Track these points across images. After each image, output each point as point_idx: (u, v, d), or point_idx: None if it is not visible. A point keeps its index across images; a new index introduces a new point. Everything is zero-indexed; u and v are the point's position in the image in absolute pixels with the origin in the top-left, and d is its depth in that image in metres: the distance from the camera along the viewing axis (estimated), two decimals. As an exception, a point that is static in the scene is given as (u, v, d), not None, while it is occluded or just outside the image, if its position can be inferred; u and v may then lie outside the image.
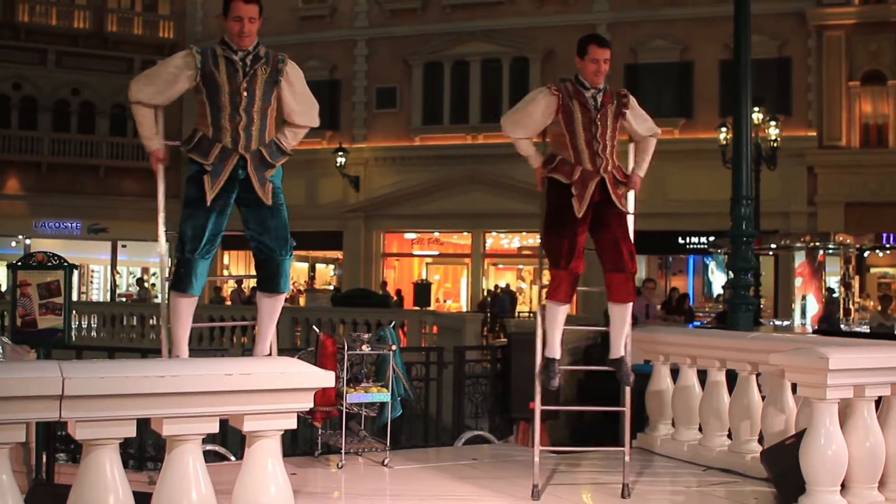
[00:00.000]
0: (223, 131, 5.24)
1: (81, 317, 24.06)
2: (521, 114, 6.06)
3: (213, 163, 5.20)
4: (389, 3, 31.51)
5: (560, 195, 5.96)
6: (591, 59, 6.00)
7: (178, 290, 5.25)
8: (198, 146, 5.25)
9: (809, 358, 5.30)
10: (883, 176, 26.23)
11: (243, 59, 5.27)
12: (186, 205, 5.29)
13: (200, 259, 5.24)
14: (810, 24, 27.29)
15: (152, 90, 5.28)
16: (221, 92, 5.22)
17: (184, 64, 5.24)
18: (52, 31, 32.70)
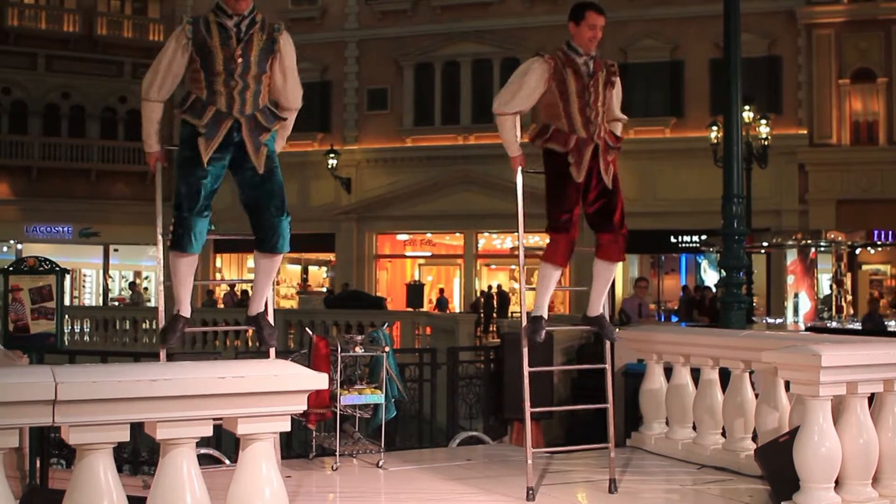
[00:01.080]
0: (217, 94, 5.23)
1: (74, 321, 24.00)
2: (517, 86, 5.99)
3: (207, 125, 5.20)
4: (380, 5, 31.50)
5: (557, 164, 5.98)
6: (589, 24, 6.03)
7: (178, 250, 5.26)
8: (191, 108, 5.23)
9: (802, 355, 5.31)
10: (874, 173, 26.32)
11: (238, 25, 5.26)
12: (181, 165, 5.27)
13: (198, 217, 5.23)
14: (800, 22, 27.36)
15: (156, 83, 5.27)
16: (215, 58, 5.20)
17: (176, 44, 5.24)
18: (42, 35, 32.63)
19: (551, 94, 5.95)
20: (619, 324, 15.04)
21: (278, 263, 5.61)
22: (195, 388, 3.85)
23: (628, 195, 6.40)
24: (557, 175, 6.01)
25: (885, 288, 27.68)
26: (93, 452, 3.74)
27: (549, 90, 5.95)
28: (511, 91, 6.01)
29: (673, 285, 30.01)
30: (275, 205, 5.37)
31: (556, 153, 5.97)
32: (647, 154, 27.80)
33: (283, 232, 5.43)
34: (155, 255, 22.37)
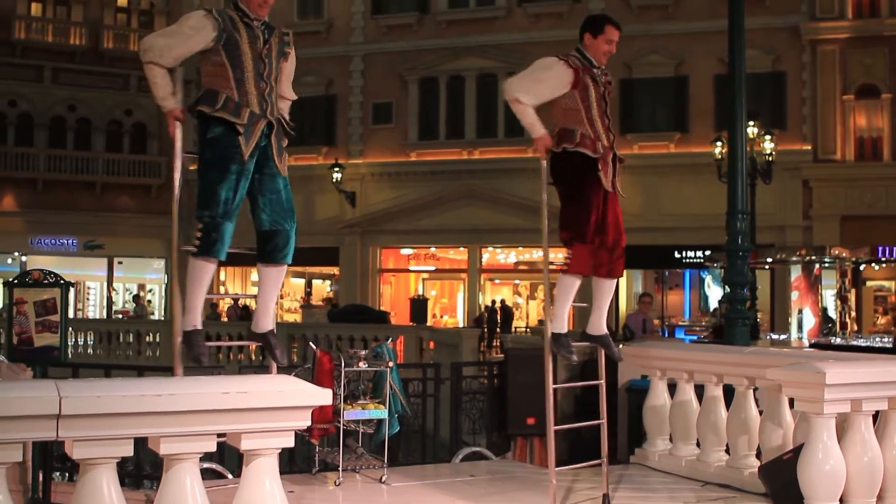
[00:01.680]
0: (249, 95, 5.23)
1: (78, 334, 24.02)
2: (538, 78, 5.93)
3: (245, 124, 5.18)
4: (385, 19, 31.60)
5: (582, 169, 5.89)
6: (607, 39, 6.08)
7: (207, 255, 5.17)
8: (226, 107, 5.17)
9: (806, 373, 5.30)
10: (878, 189, 26.30)
11: (261, 28, 5.33)
12: (212, 167, 5.18)
13: (228, 222, 5.19)
14: (804, 38, 27.41)
15: (165, 49, 5.14)
16: (245, 57, 5.23)
17: (201, 24, 5.17)
18: (49, 48, 32.75)
19: (572, 99, 5.93)
20: (623, 339, 15.03)
21: (284, 274, 5.58)
22: (199, 404, 3.85)
23: (632, 210, 6.41)
24: (583, 181, 5.91)
25: (889, 304, 27.64)
26: (96, 467, 3.74)
27: (569, 96, 5.93)
28: (532, 80, 5.92)
29: (677, 301, 30.00)
30: (291, 213, 5.43)
31: (580, 160, 5.89)
32: (651, 169, 27.81)
33: (293, 243, 5.47)
34: (159, 269, 22.26)
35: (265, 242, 5.40)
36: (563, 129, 5.94)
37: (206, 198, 5.15)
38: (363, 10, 31.86)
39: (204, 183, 5.19)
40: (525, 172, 26.60)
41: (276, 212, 5.36)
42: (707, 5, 27.37)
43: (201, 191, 5.19)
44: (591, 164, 5.89)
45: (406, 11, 31.32)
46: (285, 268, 5.55)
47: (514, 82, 5.94)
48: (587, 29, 6.12)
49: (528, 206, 26.60)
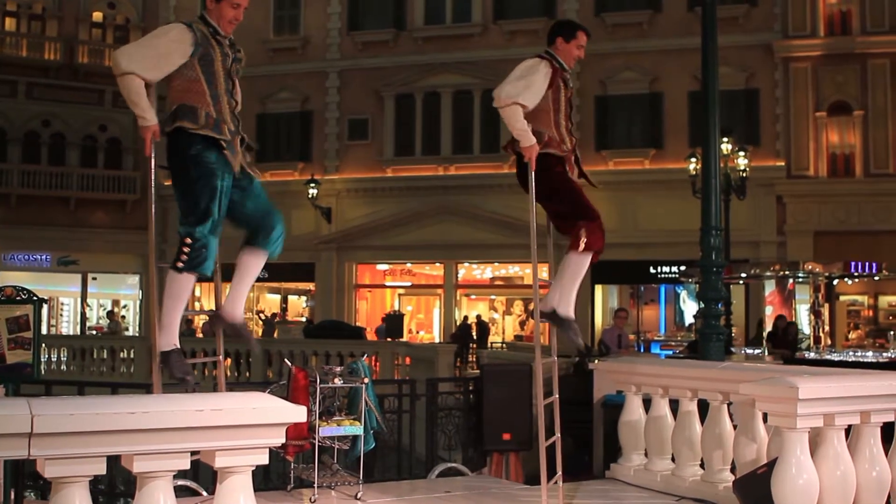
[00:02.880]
0: (224, 112, 5.23)
1: (51, 350, 23.82)
2: (529, 82, 5.93)
3: (229, 141, 5.19)
4: (361, 36, 31.65)
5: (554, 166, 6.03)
6: (578, 44, 6.21)
7: (194, 270, 5.13)
8: (208, 124, 5.14)
9: (779, 388, 5.33)
10: (850, 205, 26.54)
11: (228, 45, 5.33)
12: (198, 183, 5.13)
13: (216, 239, 5.17)
14: (777, 55, 27.68)
15: (147, 63, 5.04)
16: (218, 75, 5.21)
17: (179, 38, 5.13)
18: (23, 63, 32.57)
19: (545, 100, 6.00)
20: (599, 354, 15.07)
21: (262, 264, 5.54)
22: (173, 422, 3.83)
23: (608, 226, 6.44)
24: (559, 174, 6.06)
25: (863, 319, 27.85)
26: (69, 485, 3.71)
27: (545, 97, 5.99)
28: (523, 84, 5.92)
29: (652, 315, 30.12)
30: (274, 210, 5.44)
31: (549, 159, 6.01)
32: (626, 185, 27.95)
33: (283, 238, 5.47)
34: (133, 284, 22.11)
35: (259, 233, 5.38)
36: (534, 131, 5.98)
37: (193, 214, 5.11)
38: (339, 27, 31.91)
39: (190, 199, 5.15)
40: (501, 188, 26.71)
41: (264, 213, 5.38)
42: (681, 23, 27.65)
43: (187, 207, 5.15)
44: (560, 161, 6.04)
45: (382, 28, 31.39)
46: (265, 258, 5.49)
47: (503, 88, 5.92)
48: (560, 33, 6.22)
49: (503, 221, 26.72)
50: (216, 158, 5.15)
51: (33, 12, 33.39)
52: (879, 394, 5.56)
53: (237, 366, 21.61)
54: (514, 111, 5.86)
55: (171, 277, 5.18)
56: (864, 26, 27.07)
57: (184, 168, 5.18)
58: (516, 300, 32.53)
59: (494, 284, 33.40)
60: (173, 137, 5.19)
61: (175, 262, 5.13)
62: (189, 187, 5.16)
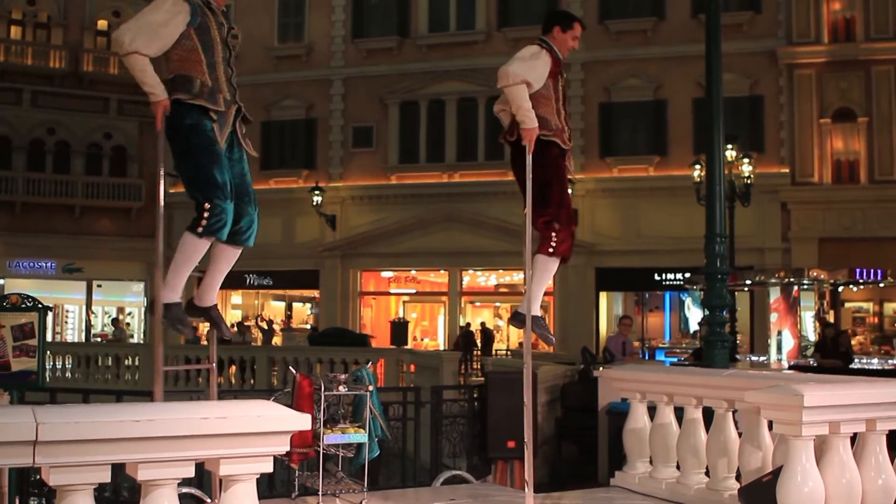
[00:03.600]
0: (220, 81, 5.24)
1: (56, 358, 23.83)
2: (532, 64, 5.96)
3: (222, 112, 5.21)
4: (365, 43, 31.69)
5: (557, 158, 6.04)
6: (574, 35, 6.21)
7: (213, 235, 5.15)
8: (202, 94, 5.16)
9: (785, 395, 5.32)
10: (855, 211, 26.51)
11: (223, 15, 5.36)
12: (202, 152, 5.15)
13: (231, 203, 5.18)
14: (781, 62, 27.68)
15: (148, 39, 5.06)
16: (216, 44, 5.24)
17: (176, 9, 5.13)
18: (28, 71, 32.67)
19: (546, 88, 6.02)
20: (604, 362, 15.06)
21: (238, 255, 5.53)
22: (178, 429, 3.83)
23: (612, 233, 6.46)
24: (558, 168, 6.06)
25: (868, 325, 27.81)
26: (73, 493, 3.71)
27: (546, 84, 6.02)
28: (526, 66, 5.93)
29: (657, 322, 30.09)
30: (253, 196, 5.42)
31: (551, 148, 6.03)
32: (630, 192, 27.98)
33: (256, 226, 5.46)
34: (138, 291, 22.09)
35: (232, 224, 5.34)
36: (539, 116, 5.98)
37: (205, 182, 5.13)
38: (343, 34, 31.97)
39: (196, 169, 5.16)
40: (505, 195, 26.66)
41: (241, 195, 5.35)
42: (685, 30, 27.65)
43: (195, 177, 5.15)
44: (562, 154, 6.07)
45: (386, 35, 31.45)
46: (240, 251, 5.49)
47: (508, 69, 5.92)
48: (557, 22, 6.26)
49: (508, 228, 26.68)
50: (212, 126, 5.20)
51: (38, 21, 33.50)
52: (885, 401, 5.55)
53: (242, 373, 21.60)
54: (522, 90, 5.86)
55: (186, 240, 5.19)
56: (868, 33, 27.07)
57: (184, 138, 5.20)
58: (514, 305, 32.47)
59: (499, 291, 33.39)
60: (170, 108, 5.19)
61: (195, 226, 5.14)
62: (193, 156, 5.19)
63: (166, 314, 5.24)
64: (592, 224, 27.52)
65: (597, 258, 28.09)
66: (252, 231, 5.42)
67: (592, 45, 28.72)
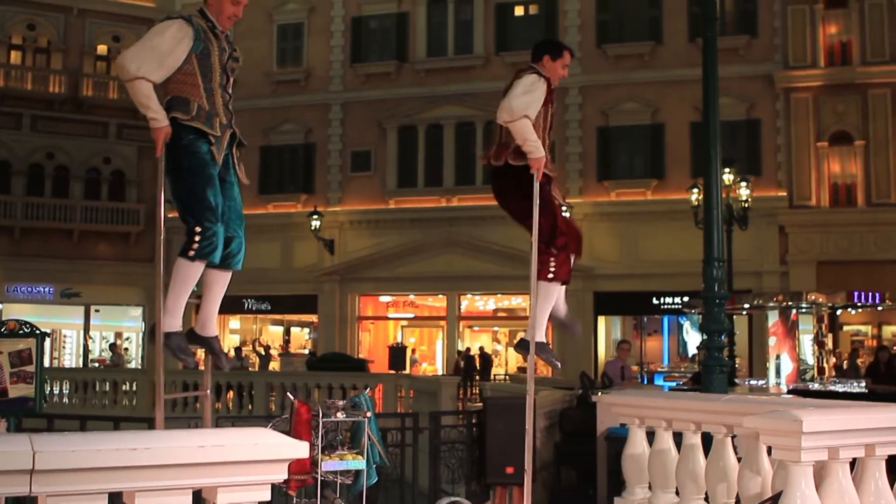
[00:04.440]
0: (217, 106, 5.26)
1: (53, 383, 23.75)
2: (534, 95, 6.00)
3: (218, 136, 5.23)
4: (364, 68, 31.82)
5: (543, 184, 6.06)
6: (563, 63, 6.27)
7: (205, 259, 5.15)
8: (199, 116, 5.19)
9: (783, 421, 5.30)
10: (853, 235, 26.55)
11: (225, 40, 5.37)
12: (195, 174, 5.16)
13: (223, 225, 5.19)
14: (778, 86, 27.80)
15: (153, 65, 5.08)
16: (214, 70, 5.25)
17: (181, 35, 5.14)
18: (28, 96, 32.76)
19: (536, 118, 6.04)
20: (602, 387, 15.03)
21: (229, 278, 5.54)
22: (175, 458, 3.81)
23: (610, 257, 6.50)
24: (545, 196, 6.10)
25: (867, 349, 27.77)
26: (70, 522, 3.69)
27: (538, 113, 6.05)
28: (527, 100, 5.96)
29: (656, 346, 30.05)
30: (243, 221, 5.44)
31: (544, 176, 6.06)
32: (628, 216, 28.02)
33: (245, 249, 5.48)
34: (136, 316, 22.04)
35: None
36: None
37: (197, 205, 5.14)
38: (342, 59, 32.12)
39: (189, 191, 5.17)
40: (503, 220, 26.53)
41: (233, 219, 5.37)
42: (682, 54, 27.81)
43: (188, 199, 5.16)
44: (548, 181, 6.16)
45: (385, 60, 31.59)
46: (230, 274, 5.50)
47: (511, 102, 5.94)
48: (547, 51, 6.29)
49: (506, 253, 26.72)
50: (207, 149, 5.21)
51: (38, 46, 33.63)
52: (885, 426, 5.54)
53: (240, 398, 21.54)
54: (527, 124, 5.90)
55: (180, 265, 5.19)
56: (864, 56, 27.22)
57: (177, 159, 5.20)
58: (519, 332, 32.33)
59: (497, 316, 33.36)
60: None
61: (186, 250, 5.14)
62: (185, 178, 5.19)
63: (167, 342, 5.23)
64: (590, 248, 27.53)
65: (595, 282, 28.10)
66: (241, 254, 5.43)
67: (590, 69, 28.89)
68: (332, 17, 32.32)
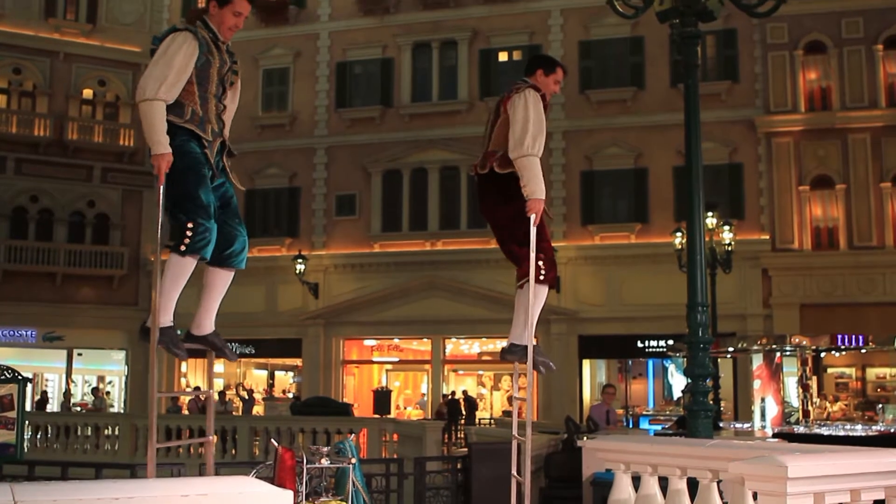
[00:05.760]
0: (210, 114, 5.34)
1: (35, 428, 23.51)
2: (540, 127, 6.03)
3: (210, 140, 5.29)
4: (349, 112, 31.98)
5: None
6: (556, 79, 6.32)
7: (197, 253, 5.15)
8: (193, 119, 5.25)
9: (769, 466, 5.30)
10: (835, 278, 26.71)
11: (226, 51, 5.43)
12: (188, 173, 5.17)
13: (215, 223, 5.20)
14: (759, 130, 28.08)
15: (171, 84, 5.14)
16: (211, 81, 5.31)
17: (191, 50, 5.21)
18: (13, 139, 32.71)
19: None
20: (587, 431, 14.98)
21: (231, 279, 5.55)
22: (158, 507, 3.78)
23: (595, 300, 6.53)
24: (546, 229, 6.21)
25: (851, 391, 27.82)
26: (51, 573, 3.65)
27: None
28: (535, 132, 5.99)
29: (641, 390, 30.03)
30: (243, 224, 5.48)
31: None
32: (612, 259, 28.12)
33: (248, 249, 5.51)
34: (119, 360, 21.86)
35: (223, 247, 5.39)
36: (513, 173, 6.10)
37: (189, 202, 5.16)
38: (327, 104, 32.29)
39: (182, 189, 5.18)
40: (488, 263, 26.80)
41: (231, 218, 5.42)
42: (664, 99, 28.09)
43: (181, 197, 5.17)
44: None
45: (369, 105, 31.78)
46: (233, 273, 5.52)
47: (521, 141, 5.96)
48: (540, 66, 6.36)
49: (491, 296, 26.75)
50: (200, 151, 5.27)
51: (24, 89, 33.66)
52: (870, 471, 5.54)
53: (223, 443, 21.37)
54: (536, 162, 5.98)
55: (172, 260, 5.19)
56: (844, 102, 27.55)
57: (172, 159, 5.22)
58: (504, 375, 32.39)
59: (482, 360, 33.29)
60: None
61: (178, 245, 5.15)
62: (178, 178, 5.19)
63: (161, 338, 5.21)
64: (575, 291, 27.60)
65: (579, 326, 28.14)
66: (245, 252, 5.48)
67: (573, 114, 29.13)
68: (318, 62, 32.53)
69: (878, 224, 26.89)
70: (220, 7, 5.40)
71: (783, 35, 27.94)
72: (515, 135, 5.99)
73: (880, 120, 27.25)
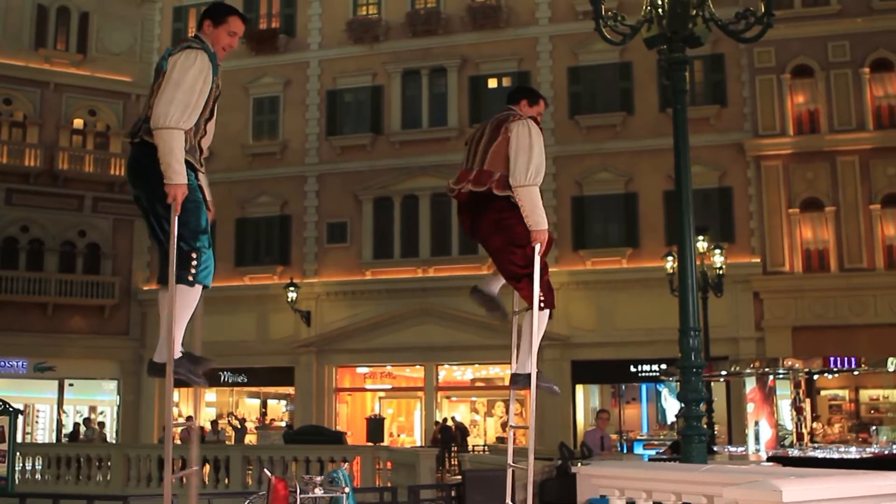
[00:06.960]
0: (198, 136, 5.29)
1: (26, 458, 23.34)
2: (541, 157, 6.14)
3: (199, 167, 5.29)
4: (339, 140, 32.04)
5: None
6: (539, 111, 6.44)
7: (203, 282, 5.17)
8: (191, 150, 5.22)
9: (763, 491, 5.30)
10: (827, 300, 26.77)
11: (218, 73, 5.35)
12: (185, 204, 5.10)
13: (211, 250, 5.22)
14: (748, 154, 28.21)
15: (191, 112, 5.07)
16: (207, 106, 5.23)
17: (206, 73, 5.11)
18: (3, 169, 32.60)
19: None
20: (582, 457, 14.93)
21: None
22: (151, 539, 3.77)
23: (587, 325, 6.55)
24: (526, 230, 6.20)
25: (844, 413, 27.81)
26: None
27: None
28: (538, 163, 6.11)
29: (634, 414, 29.96)
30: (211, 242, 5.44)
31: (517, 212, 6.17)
32: (604, 284, 28.15)
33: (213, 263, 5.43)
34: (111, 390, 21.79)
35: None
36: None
37: (191, 232, 5.15)
38: (318, 132, 32.35)
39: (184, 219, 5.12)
40: (480, 289, 26.74)
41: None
42: (653, 124, 28.21)
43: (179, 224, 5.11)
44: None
45: (360, 132, 31.85)
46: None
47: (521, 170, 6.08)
48: (525, 96, 6.49)
49: (483, 323, 26.65)
50: (195, 178, 5.24)
51: (14, 119, 33.65)
52: (863, 494, 5.54)
53: (216, 472, 21.25)
54: (537, 192, 6.11)
55: (181, 292, 5.13)
56: (832, 125, 27.71)
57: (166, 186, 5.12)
58: (497, 401, 32.27)
59: (475, 386, 33.21)
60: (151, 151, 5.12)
61: (185, 276, 5.12)
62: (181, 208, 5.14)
63: (178, 369, 5.15)
64: (567, 317, 27.56)
65: (572, 351, 28.11)
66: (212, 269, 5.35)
67: (563, 139, 29.23)
68: (308, 90, 32.62)
69: (868, 246, 26.97)
70: (215, 26, 5.32)
71: (771, 59, 28.13)
72: (519, 163, 6.10)
73: (868, 142, 27.40)
